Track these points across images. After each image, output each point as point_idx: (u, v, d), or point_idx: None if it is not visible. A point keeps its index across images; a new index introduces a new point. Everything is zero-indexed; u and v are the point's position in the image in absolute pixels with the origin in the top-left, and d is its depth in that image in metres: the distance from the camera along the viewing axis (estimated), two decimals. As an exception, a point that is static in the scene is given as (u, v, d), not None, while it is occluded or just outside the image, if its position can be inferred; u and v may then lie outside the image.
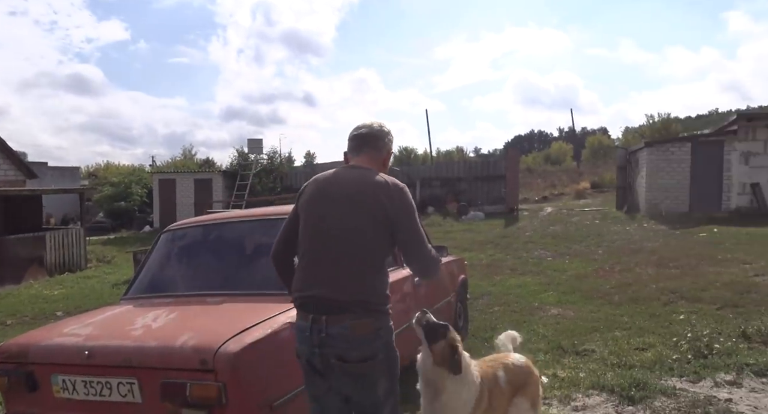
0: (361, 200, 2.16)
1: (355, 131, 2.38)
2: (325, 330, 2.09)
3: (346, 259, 2.14)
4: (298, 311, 2.22)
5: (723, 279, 7.17)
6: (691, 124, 49.37)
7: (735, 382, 3.92)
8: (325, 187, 2.26)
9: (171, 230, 3.85)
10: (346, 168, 2.32)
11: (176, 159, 36.74)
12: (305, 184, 2.37)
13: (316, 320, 2.11)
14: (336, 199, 2.20)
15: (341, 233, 2.15)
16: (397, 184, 2.21)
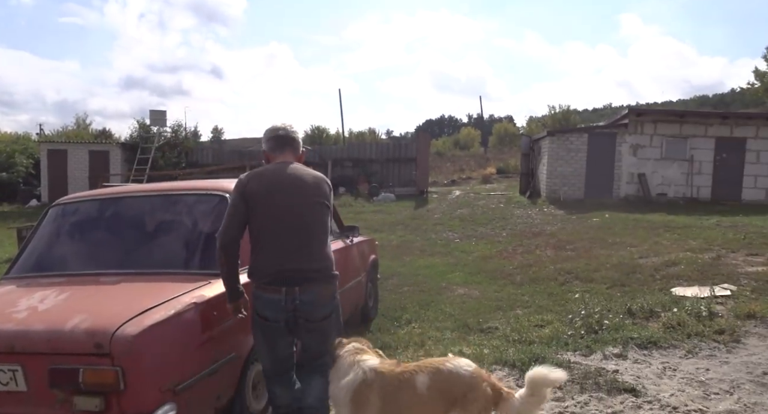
0: (309, 188, 2.71)
1: (273, 132, 2.84)
2: (298, 298, 2.60)
3: (307, 236, 2.65)
4: (267, 286, 2.62)
5: (612, 261, 7.74)
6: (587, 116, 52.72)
7: (621, 354, 4.24)
8: (275, 180, 2.68)
9: (61, 204, 3.52)
10: (283, 163, 2.77)
11: (68, 128, 33.92)
12: (247, 179, 2.71)
13: (289, 292, 2.60)
14: (288, 189, 2.66)
15: (299, 216, 2.65)
16: (324, 176, 2.86)
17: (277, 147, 2.82)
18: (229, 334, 2.77)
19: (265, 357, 2.78)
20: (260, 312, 2.66)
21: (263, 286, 2.63)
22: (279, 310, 2.60)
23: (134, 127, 22.93)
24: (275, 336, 2.69)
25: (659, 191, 15.87)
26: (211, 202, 3.26)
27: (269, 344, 2.72)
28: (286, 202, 2.64)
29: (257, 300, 2.66)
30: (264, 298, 2.63)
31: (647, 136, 16.09)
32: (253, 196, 2.63)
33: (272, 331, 2.68)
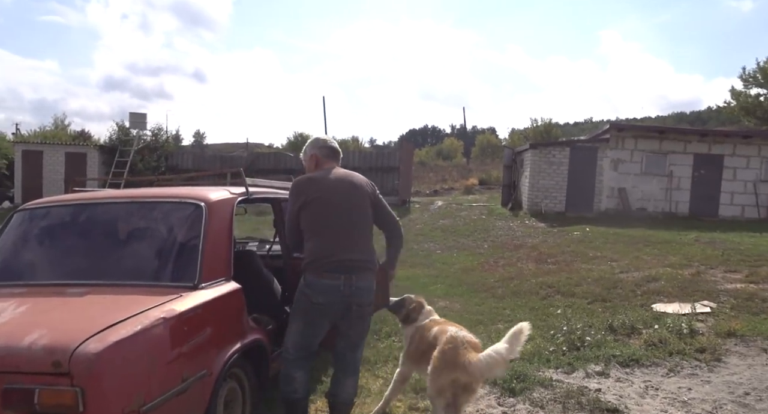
0: (359, 189, 3.14)
1: (328, 143, 3.34)
2: (355, 284, 2.97)
3: (359, 232, 3.08)
4: (326, 273, 2.95)
5: (593, 275, 7.73)
6: (569, 129, 53.37)
7: (603, 372, 4.19)
8: (332, 184, 3.10)
9: (27, 209, 3.35)
10: (336, 169, 3.22)
11: (45, 129, 33.26)
12: (301, 182, 3.12)
13: (347, 279, 2.96)
14: (344, 191, 3.10)
15: (353, 215, 3.08)
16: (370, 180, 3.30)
17: (331, 154, 3.29)
18: (200, 350, 2.63)
19: (300, 339, 3.05)
20: (314, 297, 2.97)
21: (323, 274, 2.96)
22: (336, 294, 2.96)
23: (113, 130, 22.55)
24: (321, 318, 3.02)
25: (639, 206, 16.03)
26: (185, 211, 3.12)
27: (311, 325, 3.03)
28: (343, 201, 3.07)
29: (313, 286, 2.97)
30: (322, 284, 2.96)
31: (628, 151, 16.26)
32: (311, 200, 3.04)
33: (320, 313, 3.00)
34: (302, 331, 3.05)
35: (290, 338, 3.09)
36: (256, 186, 4.16)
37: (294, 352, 3.08)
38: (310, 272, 3.00)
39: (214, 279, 2.92)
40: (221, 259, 3.04)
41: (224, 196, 3.34)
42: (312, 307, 3.00)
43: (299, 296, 3.05)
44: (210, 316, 2.74)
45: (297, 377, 3.08)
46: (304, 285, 3.02)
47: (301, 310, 3.05)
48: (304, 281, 3.03)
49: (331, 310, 3.00)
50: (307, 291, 3.00)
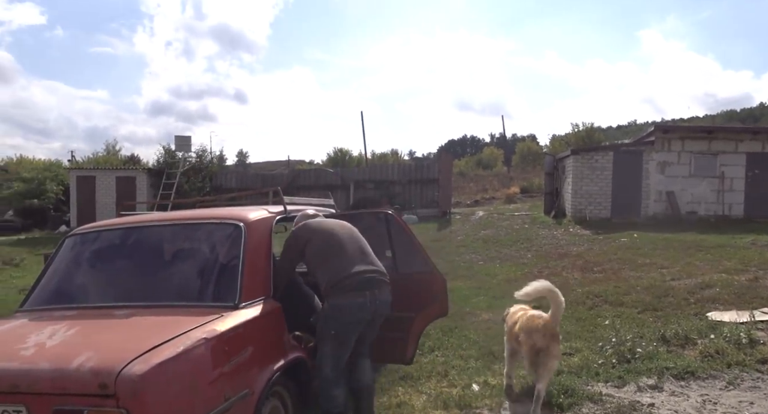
0: (347, 225, 3.58)
1: (311, 212, 3.82)
2: (378, 299, 3.23)
3: (364, 246, 3.43)
4: (350, 292, 3.15)
5: (643, 283, 7.46)
6: (612, 133, 52.06)
7: (656, 386, 4.01)
8: (324, 221, 3.58)
9: (77, 234, 3.50)
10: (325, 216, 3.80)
11: (98, 155, 34.68)
12: (299, 229, 3.48)
13: (372, 293, 3.19)
14: (336, 223, 3.56)
15: (353, 235, 3.46)
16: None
17: (316, 217, 3.71)
18: (242, 370, 2.67)
19: (334, 360, 3.19)
20: (343, 319, 3.15)
21: (347, 294, 3.14)
22: (365, 311, 3.17)
23: (160, 153, 23.35)
24: (352, 335, 3.21)
25: (689, 209, 15.43)
26: (225, 231, 3.19)
27: (343, 345, 3.20)
28: (341, 228, 3.43)
29: (342, 309, 3.14)
30: (350, 305, 3.14)
31: (675, 153, 15.72)
32: (313, 235, 3.37)
33: (351, 332, 3.20)
34: (336, 352, 3.20)
35: (325, 361, 3.20)
36: (294, 204, 4.22)
37: (332, 373, 3.18)
38: (335, 295, 3.17)
39: (255, 298, 2.96)
40: (261, 278, 3.09)
41: (263, 215, 3.40)
42: (342, 328, 3.17)
43: (326, 321, 3.20)
44: (251, 335, 2.78)
45: (338, 395, 3.18)
46: (330, 309, 3.18)
47: (331, 334, 3.18)
48: (330, 306, 3.18)
49: (360, 326, 3.22)
50: (336, 314, 3.16)
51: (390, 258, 4.04)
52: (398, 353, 3.86)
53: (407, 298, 3.74)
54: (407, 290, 3.74)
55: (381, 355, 3.93)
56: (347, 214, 4.62)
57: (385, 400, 3.96)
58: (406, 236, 3.95)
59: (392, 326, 3.70)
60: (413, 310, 3.80)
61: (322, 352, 3.22)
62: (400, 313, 3.72)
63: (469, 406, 3.82)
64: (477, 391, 4.08)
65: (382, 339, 3.65)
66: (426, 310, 3.87)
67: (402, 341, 3.80)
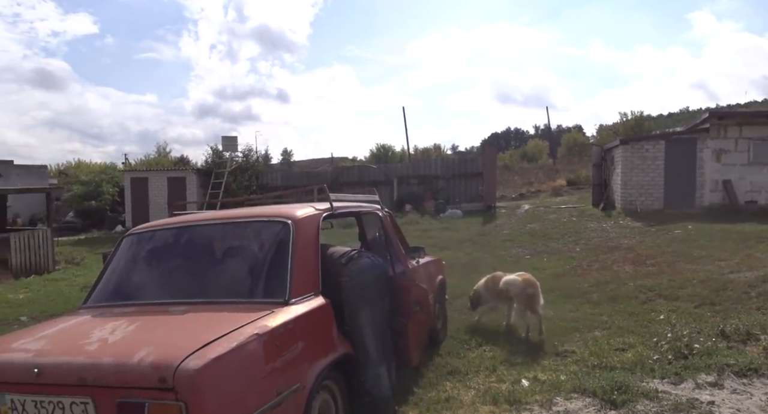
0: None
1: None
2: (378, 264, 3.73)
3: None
4: (357, 258, 3.56)
5: (699, 276, 7.19)
6: (662, 121, 50.10)
7: (716, 383, 3.86)
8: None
9: (134, 234, 3.64)
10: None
11: (150, 157, 35.92)
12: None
13: (372, 257, 3.70)
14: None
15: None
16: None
17: None
18: (292, 364, 2.72)
19: (375, 335, 3.37)
20: (364, 279, 3.43)
21: (358, 261, 3.49)
22: (377, 269, 3.59)
23: (208, 154, 23.98)
24: (377, 297, 3.53)
25: (748, 198, 14.73)
26: (273, 229, 3.25)
27: (377, 311, 3.47)
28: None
29: (359, 271, 3.43)
30: (364, 265, 3.49)
31: (731, 140, 15.02)
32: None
33: (375, 293, 3.52)
34: (371, 321, 3.39)
35: (367, 336, 3.33)
36: (339, 201, 4.26)
37: (375, 348, 3.35)
38: (347, 266, 3.50)
39: (304, 294, 3.01)
40: (310, 274, 3.14)
41: (310, 212, 3.45)
42: (367, 289, 3.47)
43: (352, 291, 3.39)
44: (301, 331, 2.83)
45: (383, 373, 3.37)
46: (349, 277, 3.41)
47: (360, 301, 3.38)
48: (350, 274, 3.43)
49: (379, 285, 3.60)
50: (356, 278, 3.44)
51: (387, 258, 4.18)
52: (402, 357, 3.86)
53: (400, 302, 3.81)
54: (399, 295, 3.81)
55: None
56: (351, 212, 4.54)
57: (433, 395, 3.96)
58: (393, 239, 4.01)
59: (394, 330, 3.75)
60: (404, 316, 3.85)
61: (360, 328, 3.31)
62: (396, 317, 3.79)
63: (519, 402, 3.77)
64: (527, 386, 4.03)
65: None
66: (414, 318, 3.91)
67: (404, 346, 3.85)
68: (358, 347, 3.30)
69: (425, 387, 4.14)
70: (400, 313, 3.81)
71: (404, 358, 3.86)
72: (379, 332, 3.43)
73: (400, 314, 3.81)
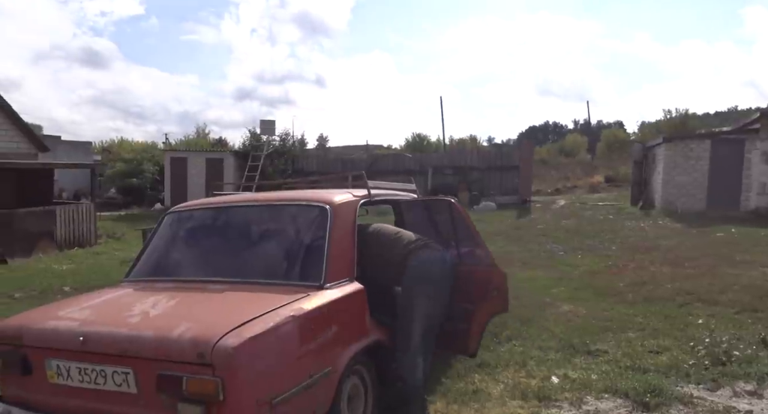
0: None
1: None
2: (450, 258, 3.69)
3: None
4: (428, 248, 3.57)
5: (741, 281, 6.96)
6: (708, 120, 48.37)
7: (756, 392, 3.75)
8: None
9: (175, 212, 3.73)
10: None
11: (189, 137, 36.64)
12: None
13: (443, 252, 3.70)
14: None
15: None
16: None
17: None
18: (325, 348, 2.76)
19: (425, 327, 3.38)
20: (433, 273, 3.42)
21: (428, 249, 3.53)
22: (446, 265, 3.53)
23: (246, 136, 24.30)
24: (440, 293, 3.50)
25: (797, 204, 14.17)
26: (312, 213, 3.28)
27: (436, 305, 3.46)
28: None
29: (428, 261, 3.43)
30: (435, 257, 3.49)
31: (783, 141, 14.44)
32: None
33: (440, 289, 3.49)
34: (426, 314, 3.39)
35: (416, 326, 3.33)
36: (377, 188, 4.27)
37: (420, 339, 3.34)
38: (417, 253, 3.49)
39: (339, 279, 3.04)
40: (346, 260, 3.16)
41: (348, 198, 3.46)
42: (432, 284, 3.43)
43: (415, 279, 3.40)
44: (335, 315, 2.86)
45: (420, 364, 3.35)
46: (418, 264, 3.42)
47: (422, 291, 3.39)
48: (418, 262, 3.43)
49: (445, 281, 3.51)
50: (425, 267, 3.43)
51: (454, 247, 4.02)
52: (461, 345, 3.83)
53: (469, 289, 3.73)
54: (469, 281, 3.72)
55: (445, 345, 3.91)
56: (417, 201, 4.60)
57: (461, 386, 3.96)
58: (467, 226, 3.89)
59: (455, 317, 3.70)
60: (473, 303, 3.77)
61: (414, 317, 3.31)
62: (462, 304, 3.72)
63: (548, 399, 3.74)
64: (557, 383, 3.99)
65: (446, 328, 3.69)
66: (485, 304, 3.81)
67: (464, 333, 3.78)
68: (403, 334, 3.32)
69: (453, 378, 4.14)
70: (468, 299, 3.74)
71: (463, 346, 3.84)
72: (427, 324, 3.40)
73: (468, 301, 3.74)
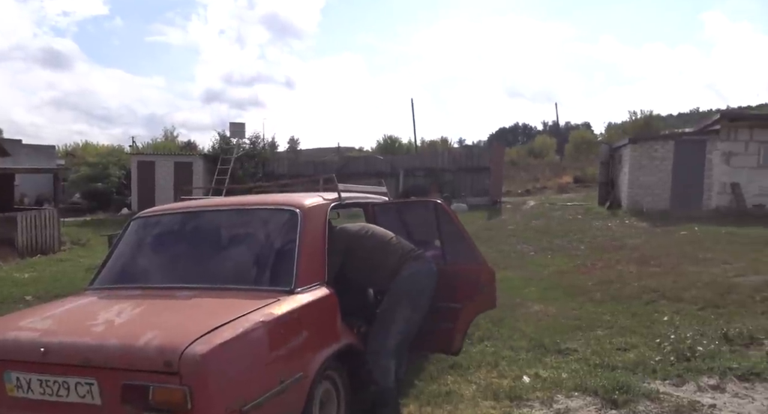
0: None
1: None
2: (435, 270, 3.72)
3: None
4: (420, 260, 3.60)
5: (704, 279, 7.16)
6: (672, 121, 49.70)
7: (718, 386, 3.86)
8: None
9: (141, 217, 3.65)
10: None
11: (157, 140, 36.00)
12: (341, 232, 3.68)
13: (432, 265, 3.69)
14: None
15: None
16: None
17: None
18: (296, 353, 2.73)
19: (404, 333, 3.43)
20: (421, 284, 3.51)
21: (420, 261, 3.60)
22: (433, 278, 3.61)
23: (215, 139, 23.97)
24: (425, 305, 3.55)
25: (756, 202, 14.64)
26: (281, 217, 3.25)
27: (419, 315, 3.51)
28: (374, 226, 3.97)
29: (419, 273, 3.50)
30: (426, 270, 3.57)
31: (742, 142, 14.91)
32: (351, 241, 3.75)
33: (426, 301, 3.56)
34: (407, 323, 3.43)
35: (394, 332, 3.37)
36: (348, 191, 4.26)
37: (395, 344, 3.37)
38: (409, 264, 3.53)
39: (310, 283, 3.01)
40: (317, 264, 3.14)
41: (318, 202, 3.44)
42: (419, 294, 3.50)
43: (404, 288, 3.45)
44: (306, 320, 2.83)
45: (392, 367, 3.36)
46: (408, 276, 3.47)
47: (409, 301, 3.44)
48: (409, 273, 3.47)
49: (431, 293, 3.56)
50: (415, 279, 3.49)
51: (438, 247, 4.03)
52: (445, 344, 3.86)
53: (454, 288, 3.73)
54: (455, 281, 3.73)
55: (428, 345, 3.95)
56: (396, 203, 4.62)
57: (434, 388, 3.97)
58: (455, 226, 3.89)
59: (440, 316, 3.71)
60: (460, 301, 3.79)
61: (394, 322, 3.37)
62: (447, 304, 3.73)
63: (520, 398, 3.78)
64: (528, 383, 4.04)
65: (429, 329, 3.68)
66: (473, 302, 3.84)
67: (449, 332, 3.80)
68: (378, 338, 3.34)
69: (426, 380, 4.15)
70: (454, 298, 3.78)
71: (448, 345, 3.87)
72: (405, 331, 3.45)
73: (454, 300, 3.78)
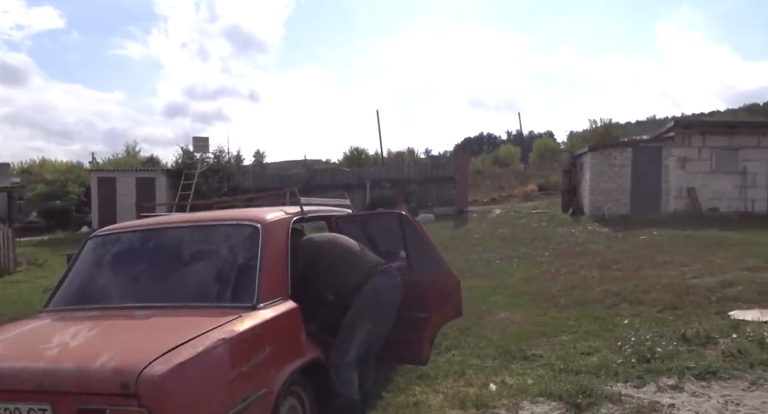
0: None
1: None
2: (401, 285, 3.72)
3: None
4: (386, 275, 3.57)
5: (663, 281, 7.37)
6: (630, 129, 51.23)
7: (677, 386, 3.97)
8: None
9: (99, 236, 3.56)
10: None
11: (118, 156, 35.17)
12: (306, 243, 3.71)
13: (398, 279, 3.66)
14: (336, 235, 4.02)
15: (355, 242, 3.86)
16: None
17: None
18: (260, 370, 2.70)
19: (366, 347, 3.46)
20: (385, 299, 3.51)
21: (385, 277, 3.56)
22: (398, 293, 3.63)
23: (178, 154, 23.57)
24: (390, 319, 3.60)
25: (710, 206, 15.20)
26: (242, 233, 3.22)
27: (382, 329, 3.55)
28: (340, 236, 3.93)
29: (383, 289, 3.50)
30: (390, 285, 3.55)
31: (695, 148, 15.49)
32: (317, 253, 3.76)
33: (390, 315, 3.61)
34: (370, 336, 3.47)
35: (355, 345, 3.38)
36: (310, 204, 4.25)
37: (356, 357, 3.39)
38: (374, 279, 3.50)
39: (272, 298, 2.99)
40: (279, 278, 3.12)
41: (280, 216, 3.42)
42: (382, 309, 3.53)
43: (368, 303, 3.45)
44: (269, 336, 2.81)
45: (355, 379, 3.37)
46: (371, 291, 3.46)
47: (371, 316, 3.47)
48: (371, 288, 3.47)
49: (395, 308, 3.61)
50: (378, 295, 3.49)
51: (404, 258, 4.05)
52: (413, 354, 3.87)
53: (421, 299, 3.75)
54: (421, 291, 3.75)
55: (396, 356, 3.95)
56: (360, 215, 4.64)
57: (402, 399, 3.97)
58: (420, 237, 3.93)
59: (407, 327, 3.72)
60: (427, 311, 3.81)
61: (355, 335, 3.37)
62: (414, 314, 3.75)
63: (486, 406, 3.81)
64: (494, 390, 4.07)
65: (396, 339, 3.68)
66: (440, 312, 3.87)
67: (417, 342, 3.81)
68: (341, 350, 3.33)
69: (394, 391, 4.15)
70: (422, 309, 3.81)
71: (416, 355, 3.87)
72: (369, 344, 3.49)
73: (421, 310, 3.81)
